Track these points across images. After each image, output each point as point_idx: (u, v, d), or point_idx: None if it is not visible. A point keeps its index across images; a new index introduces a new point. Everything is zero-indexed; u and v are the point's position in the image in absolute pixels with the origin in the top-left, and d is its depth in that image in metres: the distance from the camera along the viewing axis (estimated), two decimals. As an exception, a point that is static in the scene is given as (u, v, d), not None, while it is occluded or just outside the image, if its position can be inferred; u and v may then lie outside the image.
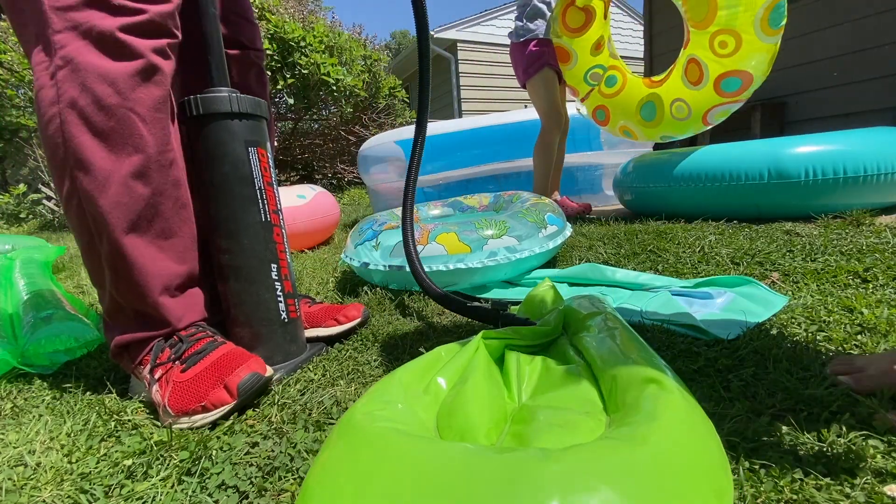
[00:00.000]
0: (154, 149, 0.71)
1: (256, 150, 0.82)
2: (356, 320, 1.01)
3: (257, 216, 0.83)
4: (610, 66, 2.05)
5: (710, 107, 1.80)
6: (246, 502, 0.52)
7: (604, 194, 3.02)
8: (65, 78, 0.65)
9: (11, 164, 5.83)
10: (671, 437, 0.37)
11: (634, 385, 0.48)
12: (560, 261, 1.52)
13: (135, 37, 0.68)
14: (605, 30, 2.03)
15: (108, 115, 0.67)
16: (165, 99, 0.72)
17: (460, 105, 8.34)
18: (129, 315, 0.76)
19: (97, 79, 0.66)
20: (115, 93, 0.67)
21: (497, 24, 8.46)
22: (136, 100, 0.68)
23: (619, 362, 0.54)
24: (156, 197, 0.73)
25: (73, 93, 0.65)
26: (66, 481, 0.56)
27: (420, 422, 0.48)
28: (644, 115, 1.98)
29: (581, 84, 2.12)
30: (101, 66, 0.66)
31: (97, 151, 0.67)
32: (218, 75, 0.81)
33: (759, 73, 1.69)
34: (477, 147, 3.02)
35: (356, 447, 0.40)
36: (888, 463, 0.47)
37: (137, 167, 0.70)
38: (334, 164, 6.14)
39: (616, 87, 2.03)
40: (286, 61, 4.83)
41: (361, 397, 0.51)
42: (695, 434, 0.40)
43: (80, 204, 0.70)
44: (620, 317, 0.73)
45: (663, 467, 0.34)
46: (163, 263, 0.75)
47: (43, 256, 1.94)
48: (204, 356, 0.73)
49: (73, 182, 0.68)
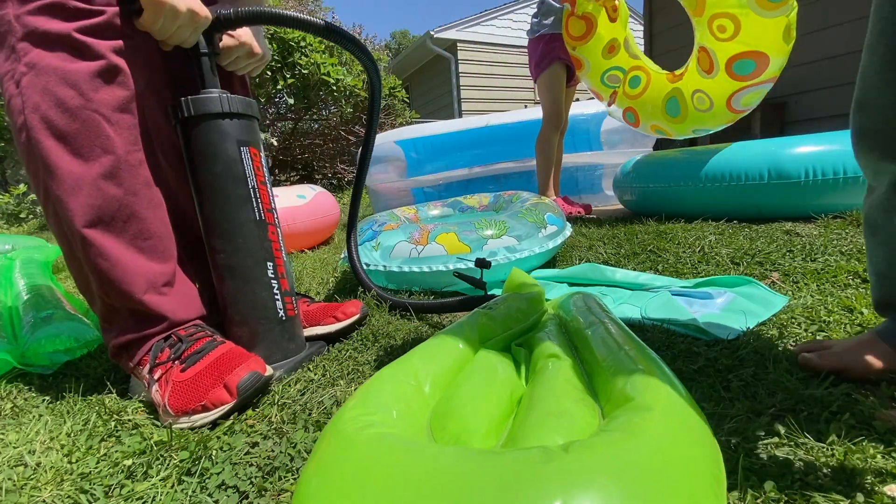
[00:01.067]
0: (122, 149, 0.71)
1: (249, 150, 0.82)
2: (355, 317, 1.00)
3: (251, 215, 0.83)
4: (631, 66, 2.02)
5: (731, 93, 1.74)
6: (246, 502, 0.52)
7: (604, 194, 3.02)
8: (28, 84, 0.65)
9: (11, 164, 5.84)
10: (667, 427, 0.37)
11: (624, 374, 0.48)
12: (560, 261, 1.52)
13: (92, 37, 0.67)
14: (618, 32, 2.00)
15: (72, 118, 0.66)
16: (130, 99, 0.72)
17: (460, 105, 8.34)
18: (124, 315, 0.76)
19: (59, 81, 0.65)
20: (78, 94, 0.66)
21: (497, 24, 8.47)
22: (100, 101, 0.68)
23: (610, 352, 0.55)
24: (129, 197, 0.72)
25: (36, 98, 0.65)
26: (66, 481, 0.56)
27: (412, 425, 0.46)
28: (669, 112, 1.95)
29: (601, 87, 2.12)
30: (62, 67, 0.66)
31: (63, 155, 0.67)
32: (208, 77, 0.81)
33: (773, 51, 1.60)
34: (477, 147, 3.02)
35: (347, 456, 0.38)
36: (888, 463, 0.47)
37: (108, 168, 0.69)
38: (334, 164, 6.14)
39: (640, 86, 2.01)
40: (286, 61, 4.83)
41: (348, 401, 0.48)
42: (689, 422, 0.40)
43: (55, 211, 0.70)
44: (611, 311, 0.74)
45: (662, 458, 0.33)
46: (144, 262, 0.74)
47: (43, 256, 1.94)
48: (203, 355, 0.73)
49: (46, 188, 0.68)
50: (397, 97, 6.43)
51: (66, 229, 0.70)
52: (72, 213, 0.68)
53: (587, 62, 2.07)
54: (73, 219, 0.69)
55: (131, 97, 0.72)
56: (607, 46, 2.01)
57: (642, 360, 0.50)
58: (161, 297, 0.76)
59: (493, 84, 8.53)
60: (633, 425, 0.37)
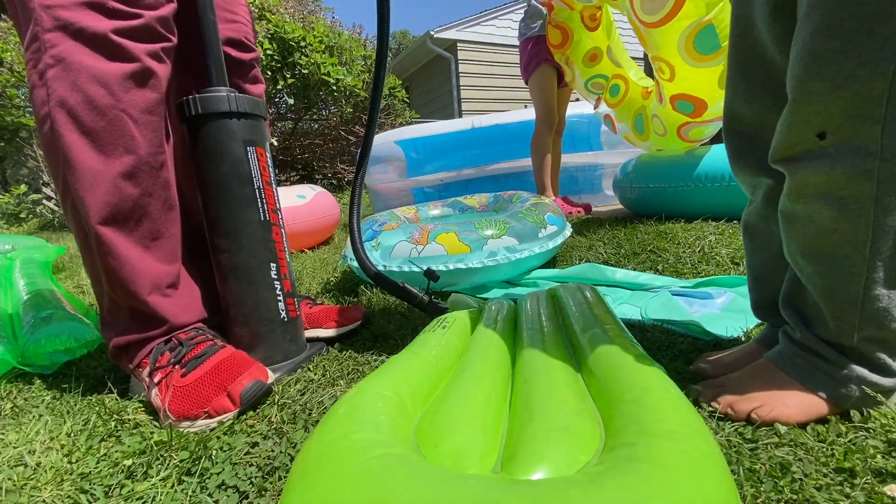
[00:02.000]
0: (145, 150, 0.71)
1: (255, 150, 0.82)
2: (357, 322, 1.01)
3: (256, 215, 0.83)
4: (613, 75, 2.05)
5: (679, 125, 1.77)
6: (246, 502, 0.52)
7: (604, 194, 3.02)
8: (55, 77, 0.65)
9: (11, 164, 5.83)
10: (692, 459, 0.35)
11: (629, 389, 0.46)
12: (560, 261, 1.52)
13: (129, 40, 0.67)
14: (599, 40, 2.02)
15: (100, 115, 0.67)
16: (159, 102, 0.72)
17: (460, 105, 8.34)
18: (126, 314, 0.76)
19: (90, 79, 0.65)
20: (108, 94, 0.67)
21: (497, 24, 8.47)
22: (129, 102, 0.68)
23: (612, 360, 0.54)
24: (144, 198, 0.72)
25: (63, 92, 0.65)
26: (66, 481, 0.56)
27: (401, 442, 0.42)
28: (637, 128, 2.00)
29: (584, 92, 2.15)
30: (95, 66, 0.66)
31: (86, 151, 0.67)
32: (217, 76, 0.81)
33: (710, 97, 1.59)
34: (477, 147, 3.02)
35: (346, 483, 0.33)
36: (888, 463, 0.47)
37: (128, 168, 0.70)
38: (334, 164, 6.14)
39: (619, 96, 2.04)
40: (286, 61, 4.83)
41: (334, 415, 0.44)
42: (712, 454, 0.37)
43: (73, 203, 0.70)
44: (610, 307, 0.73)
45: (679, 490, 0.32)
46: (152, 263, 0.75)
47: (43, 256, 1.94)
48: (203, 360, 0.73)
49: (65, 181, 0.69)
50: (397, 97, 6.43)
51: (83, 223, 0.71)
52: (88, 209, 0.69)
53: (571, 68, 2.10)
54: (88, 214, 0.69)
55: (161, 100, 0.72)
56: (588, 55, 2.03)
57: (647, 368, 0.50)
58: (164, 298, 0.76)
59: (493, 84, 8.53)
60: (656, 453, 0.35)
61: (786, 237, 0.57)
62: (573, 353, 0.65)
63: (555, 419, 0.44)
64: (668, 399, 0.44)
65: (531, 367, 0.59)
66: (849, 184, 0.48)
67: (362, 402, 0.46)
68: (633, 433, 0.39)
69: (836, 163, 0.48)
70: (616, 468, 0.34)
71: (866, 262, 0.50)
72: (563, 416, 0.45)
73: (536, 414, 0.46)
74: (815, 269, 0.53)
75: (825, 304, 0.54)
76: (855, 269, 0.50)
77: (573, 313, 0.76)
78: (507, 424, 0.49)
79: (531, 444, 0.41)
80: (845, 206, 0.49)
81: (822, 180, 0.50)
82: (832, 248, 0.51)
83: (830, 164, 0.49)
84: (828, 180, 0.49)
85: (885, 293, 0.50)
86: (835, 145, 0.48)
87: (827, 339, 0.55)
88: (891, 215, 0.48)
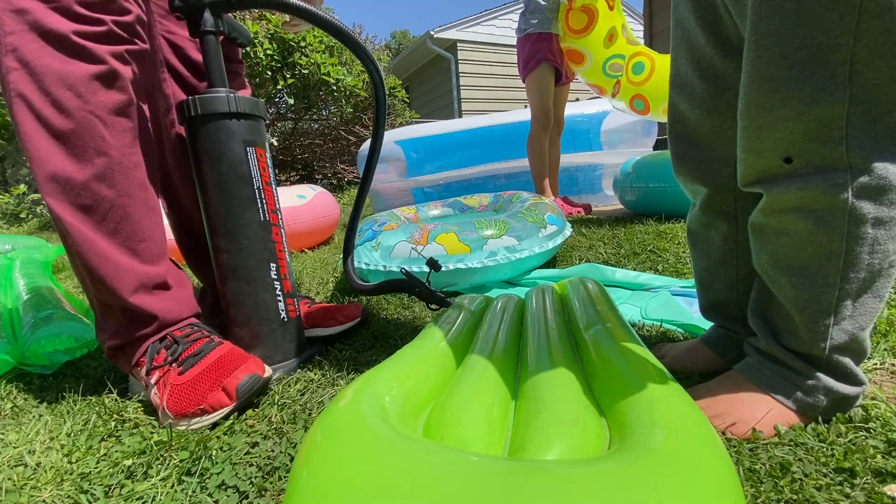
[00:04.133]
0: (117, 151, 0.71)
1: (255, 150, 0.82)
2: (356, 320, 1.01)
3: (256, 216, 0.83)
4: (632, 53, 2.03)
5: None
6: (246, 502, 0.52)
7: (604, 194, 3.02)
8: (19, 80, 0.65)
9: (11, 164, 5.84)
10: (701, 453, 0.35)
11: (632, 385, 0.46)
12: (560, 261, 1.52)
13: (92, 42, 0.67)
14: (615, 20, 2.01)
15: (68, 118, 0.66)
16: (128, 103, 0.72)
17: (460, 105, 8.34)
18: (117, 314, 0.76)
19: (56, 82, 0.65)
20: (75, 96, 0.66)
21: (497, 24, 8.47)
22: (97, 103, 0.68)
23: (616, 358, 0.54)
24: (122, 199, 0.72)
25: (31, 97, 0.65)
26: (66, 481, 0.56)
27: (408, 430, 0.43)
28: None
29: (602, 79, 2.10)
30: (60, 68, 0.65)
31: (56, 155, 0.67)
32: (216, 77, 0.81)
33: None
34: (477, 147, 3.02)
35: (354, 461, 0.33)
36: (888, 463, 0.47)
37: (101, 170, 0.70)
38: (334, 164, 6.13)
39: (645, 72, 2.01)
40: (286, 61, 4.83)
41: (342, 398, 0.44)
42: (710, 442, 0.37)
43: (52, 208, 0.70)
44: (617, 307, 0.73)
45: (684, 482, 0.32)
46: (137, 265, 0.74)
47: (43, 256, 1.94)
48: (201, 358, 0.73)
49: (40, 186, 0.69)
50: (397, 97, 6.43)
51: (61, 227, 0.71)
52: (64, 212, 0.69)
53: (588, 54, 2.06)
54: (65, 218, 0.69)
55: (129, 101, 0.72)
56: (608, 35, 2.01)
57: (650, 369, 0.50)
58: (151, 296, 0.76)
59: (492, 84, 8.53)
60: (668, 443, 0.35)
61: (756, 248, 0.57)
62: (577, 349, 0.65)
63: (564, 412, 0.44)
64: (672, 395, 0.44)
65: (538, 362, 0.59)
66: (823, 197, 0.48)
67: (369, 389, 0.46)
68: (644, 425, 0.39)
69: (809, 181, 0.49)
70: (629, 453, 0.34)
71: (839, 274, 0.50)
72: (571, 410, 0.45)
73: (545, 407, 0.46)
74: (787, 279, 0.53)
75: (797, 315, 0.53)
76: (829, 279, 0.50)
77: (577, 309, 0.76)
78: (514, 418, 0.49)
79: (540, 436, 0.41)
80: (820, 219, 0.49)
81: (796, 197, 0.50)
82: (806, 259, 0.51)
83: (804, 183, 0.49)
84: (802, 196, 0.50)
85: (857, 303, 0.51)
86: (803, 167, 0.49)
87: (796, 350, 0.55)
88: (863, 226, 0.48)
